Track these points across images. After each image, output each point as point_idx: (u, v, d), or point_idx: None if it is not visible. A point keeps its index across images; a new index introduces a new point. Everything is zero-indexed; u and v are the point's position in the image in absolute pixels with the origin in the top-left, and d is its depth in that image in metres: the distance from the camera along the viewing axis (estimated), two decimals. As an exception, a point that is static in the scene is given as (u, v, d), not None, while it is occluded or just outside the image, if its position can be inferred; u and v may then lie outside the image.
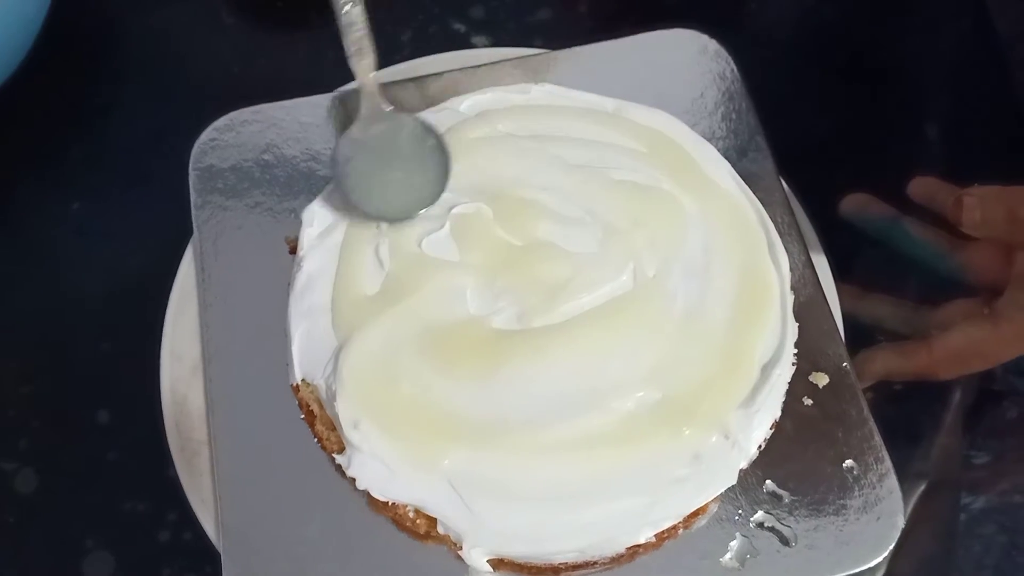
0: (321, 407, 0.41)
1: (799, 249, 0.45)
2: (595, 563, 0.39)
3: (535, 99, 0.48)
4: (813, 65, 0.59)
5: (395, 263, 0.43)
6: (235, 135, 0.48)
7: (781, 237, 0.44)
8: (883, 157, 0.55)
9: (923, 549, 0.46)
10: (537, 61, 0.50)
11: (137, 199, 0.54)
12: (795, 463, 0.40)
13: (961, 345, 0.43)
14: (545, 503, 0.39)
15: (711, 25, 0.51)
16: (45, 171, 0.54)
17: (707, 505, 0.39)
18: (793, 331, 0.42)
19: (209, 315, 0.44)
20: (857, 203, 0.48)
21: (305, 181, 0.47)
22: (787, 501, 0.40)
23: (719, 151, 0.47)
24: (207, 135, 0.48)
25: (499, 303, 0.42)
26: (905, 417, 0.47)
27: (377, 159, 0.45)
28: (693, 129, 0.47)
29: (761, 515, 0.40)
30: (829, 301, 0.44)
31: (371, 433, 0.39)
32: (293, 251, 0.45)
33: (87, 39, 0.59)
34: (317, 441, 0.41)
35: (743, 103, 0.49)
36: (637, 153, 0.46)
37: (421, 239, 0.44)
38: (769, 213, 0.45)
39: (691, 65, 0.50)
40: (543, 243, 0.44)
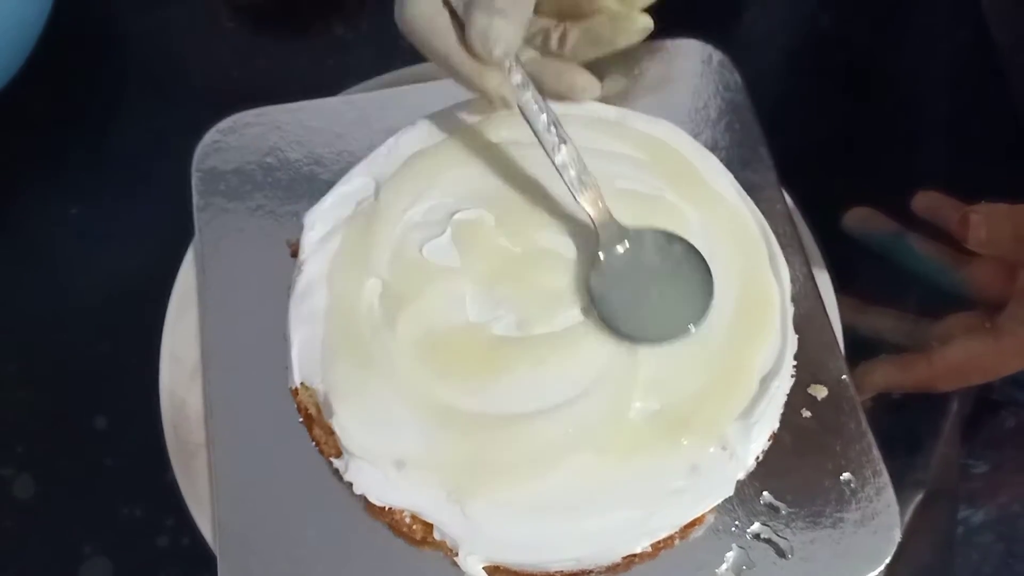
0: (319, 411, 0.41)
1: (800, 261, 0.45)
2: (591, 572, 0.39)
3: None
4: (812, 75, 0.59)
5: (395, 269, 0.43)
6: (238, 137, 0.48)
7: (782, 249, 0.44)
8: (884, 168, 0.55)
9: (921, 558, 0.46)
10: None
11: (136, 202, 0.54)
12: (793, 475, 0.40)
13: (961, 358, 0.43)
14: (542, 512, 0.38)
15: (710, 34, 0.51)
16: (45, 174, 0.54)
17: (704, 516, 0.39)
18: (793, 343, 0.42)
19: (209, 317, 0.44)
20: (860, 217, 0.48)
21: (307, 185, 0.47)
22: (784, 513, 0.40)
23: (722, 161, 0.47)
24: (210, 137, 0.48)
25: (499, 311, 0.42)
26: (903, 427, 0.47)
27: (632, 283, 0.42)
28: (696, 139, 0.47)
29: (758, 527, 0.40)
30: (829, 314, 0.44)
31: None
32: (294, 254, 0.45)
33: (87, 42, 0.59)
34: (315, 445, 0.41)
35: (746, 113, 0.49)
36: (639, 162, 0.46)
37: (422, 245, 0.44)
38: (771, 224, 0.45)
39: (695, 75, 0.50)
40: (544, 251, 0.43)
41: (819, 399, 0.42)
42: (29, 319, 0.50)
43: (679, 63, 0.50)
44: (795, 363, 0.42)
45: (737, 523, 0.40)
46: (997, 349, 0.43)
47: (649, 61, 0.50)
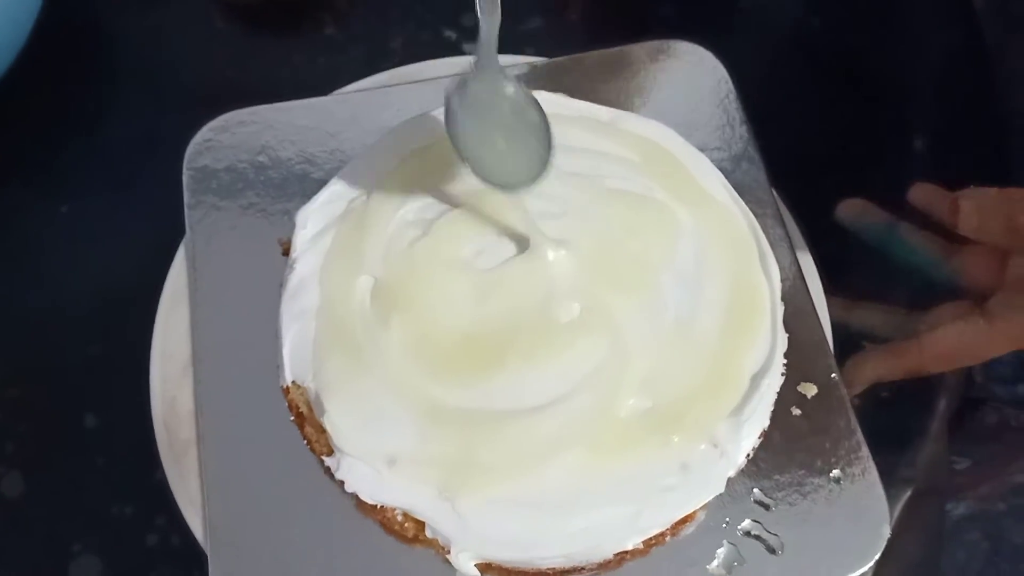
0: (310, 409, 0.41)
1: (790, 260, 0.45)
2: (582, 569, 0.39)
3: (530, 106, 0.48)
4: (803, 77, 0.59)
5: (387, 267, 0.43)
6: (230, 136, 0.48)
7: (772, 248, 0.45)
8: (872, 168, 0.55)
9: (909, 555, 0.47)
10: (530, 69, 0.50)
11: (127, 201, 0.53)
12: (783, 472, 0.41)
13: (952, 341, 0.43)
14: (533, 509, 0.39)
15: (701, 35, 0.51)
16: (35, 172, 0.54)
17: (695, 513, 0.40)
18: (783, 341, 0.43)
19: (200, 315, 0.44)
20: (853, 209, 0.48)
21: (299, 183, 0.47)
22: (774, 510, 0.40)
23: (712, 162, 0.47)
24: (202, 135, 0.48)
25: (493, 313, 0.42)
26: (892, 425, 0.48)
27: (484, 120, 0.42)
28: (687, 140, 0.47)
29: (748, 523, 0.40)
30: (819, 312, 0.44)
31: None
32: (286, 253, 0.45)
33: (78, 41, 0.58)
34: (306, 443, 0.41)
35: (737, 115, 0.49)
36: (631, 163, 0.46)
37: (414, 243, 0.44)
38: (761, 224, 0.45)
39: (686, 76, 0.50)
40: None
41: (809, 397, 0.42)
42: (19, 317, 0.50)
43: (670, 64, 0.50)
44: (785, 361, 0.42)
45: (728, 520, 0.40)
46: (987, 332, 0.43)
47: (641, 62, 0.51)
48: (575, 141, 0.47)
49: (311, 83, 0.51)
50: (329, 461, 0.40)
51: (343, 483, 0.39)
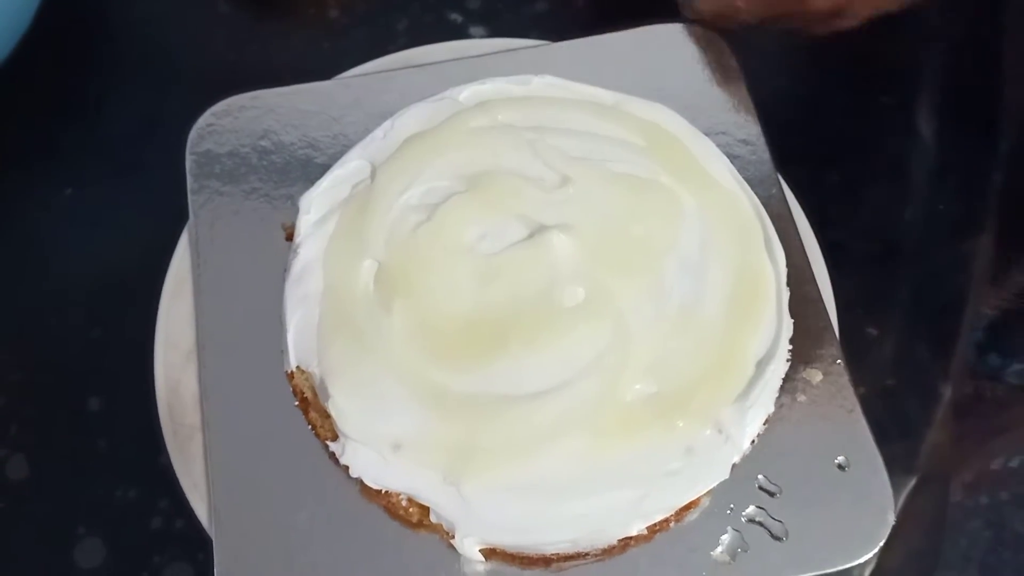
0: (315, 394, 0.41)
1: (795, 245, 0.45)
2: (587, 554, 0.39)
3: (535, 90, 0.47)
4: (810, 61, 0.59)
5: (391, 252, 0.43)
6: (233, 120, 0.48)
7: (778, 233, 0.44)
8: (879, 153, 0.55)
9: (911, 543, 0.47)
10: (535, 52, 0.50)
11: (130, 186, 0.53)
12: (787, 458, 0.41)
13: None
14: (538, 493, 0.39)
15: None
16: (37, 158, 0.54)
17: (699, 499, 0.40)
18: (788, 327, 0.42)
19: (204, 300, 0.44)
20: None
21: (302, 168, 0.47)
22: (779, 496, 0.40)
23: (718, 146, 0.47)
24: (204, 120, 0.48)
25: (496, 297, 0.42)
26: (896, 413, 0.48)
27: None
28: (693, 124, 0.47)
29: (752, 510, 0.40)
30: (824, 298, 0.44)
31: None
32: (290, 238, 0.45)
33: (81, 25, 0.58)
34: (311, 428, 0.41)
35: (744, 99, 0.49)
36: (636, 147, 0.46)
37: (417, 228, 0.44)
38: (766, 209, 0.45)
39: (693, 60, 0.50)
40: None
41: (814, 383, 0.42)
42: (22, 301, 0.50)
43: (677, 48, 0.50)
44: (790, 347, 0.42)
45: (732, 506, 0.40)
46: None
47: (646, 46, 0.50)
48: (579, 125, 0.46)
49: (314, 67, 0.51)
50: (334, 446, 0.40)
51: (348, 468, 0.39)
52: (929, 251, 0.52)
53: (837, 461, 0.41)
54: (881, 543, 0.39)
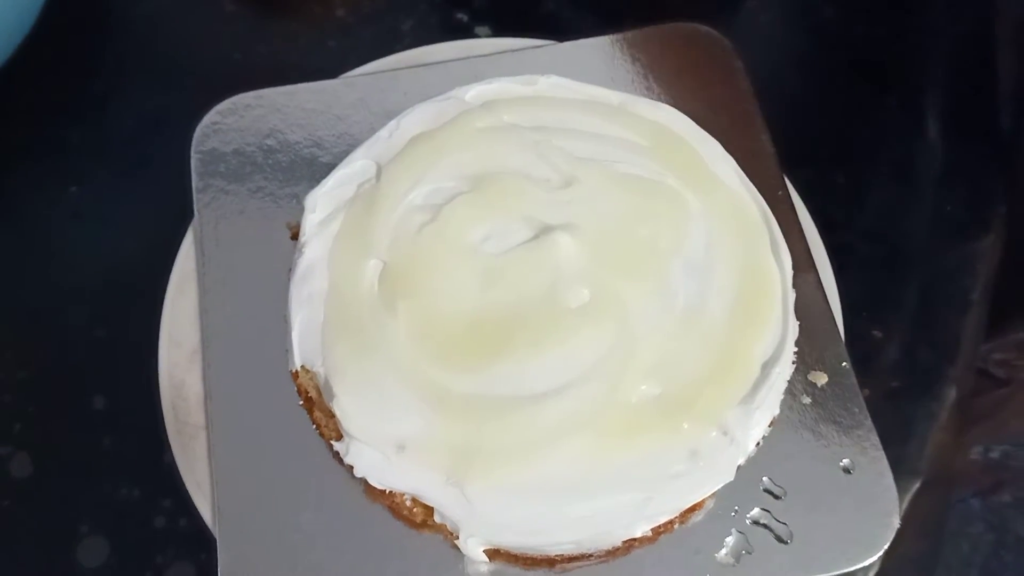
0: (319, 394, 0.41)
1: (801, 247, 0.45)
2: (591, 556, 0.39)
3: (541, 91, 0.47)
4: (815, 63, 0.59)
5: (396, 252, 0.43)
6: (238, 119, 0.48)
7: (783, 235, 0.44)
8: (885, 157, 0.55)
9: (913, 545, 0.47)
10: (541, 52, 0.50)
11: (135, 184, 0.53)
12: (792, 461, 0.41)
13: None
14: (542, 495, 0.39)
15: (714, 20, 0.51)
16: (42, 156, 0.54)
17: (704, 501, 0.40)
18: (794, 329, 0.42)
19: (208, 299, 0.44)
20: None
21: (307, 167, 0.47)
22: (783, 498, 0.40)
23: (723, 147, 0.47)
24: (210, 118, 0.48)
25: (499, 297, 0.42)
26: (901, 415, 0.48)
27: None
28: (698, 125, 0.47)
29: (757, 512, 0.40)
30: (830, 300, 0.44)
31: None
32: (295, 237, 0.45)
33: (87, 22, 0.58)
34: (315, 428, 0.41)
35: (749, 100, 0.49)
36: (641, 148, 0.46)
37: (422, 228, 0.43)
38: (772, 210, 0.45)
39: (698, 60, 0.50)
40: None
41: (819, 385, 0.42)
42: (26, 300, 0.50)
43: (682, 48, 0.50)
44: (796, 349, 0.42)
45: (736, 508, 0.40)
46: None
47: (653, 46, 0.50)
48: (585, 126, 0.46)
49: (320, 66, 0.51)
50: (338, 446, 0.40)
51: (352, 468, 0.39)
52: (935, 253, 0.52)
53: (842, 464, 0.40)
54: (885, 547, 0.39)
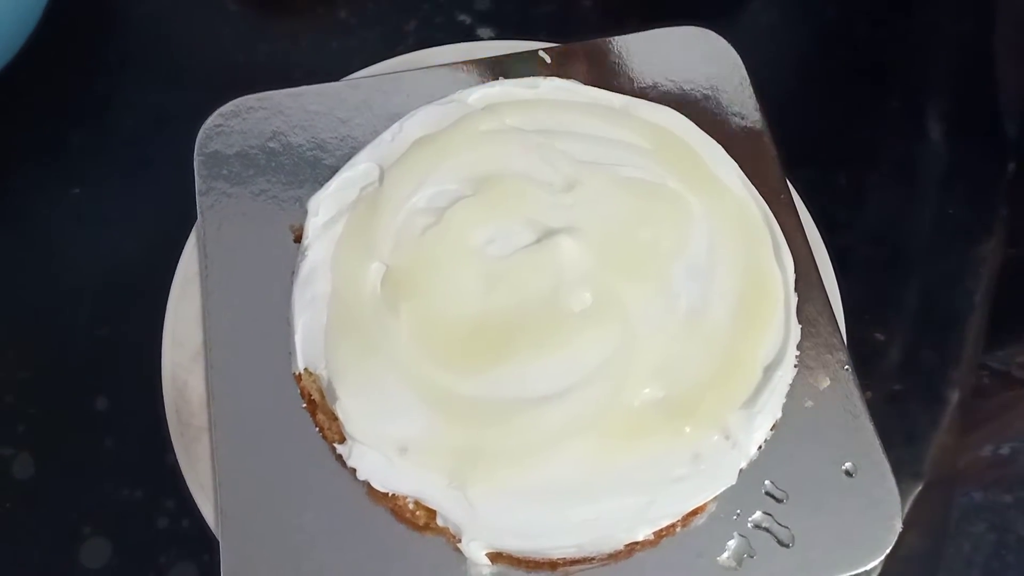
0: (322, 396, 0.41)
1: (803, 250, 0.45)
2: (592, 559, 0.39)
3: (544, 94, 0.47)
4: (816, 64, 0.59)
5: (399, 255, 0.43)
6: (241, 121, 0.48)
7: (785, 238, 0.44)
8: (887, 159, 0.55)
9: (914, 546, 0.47)
10: (542, 55, 0.50)
11: (138, 185, 0.53)
12: (794, 464, 0.41)
13: None
14: (544, 498, 0.39)
15: (715, 22, 0.51)
16: (45, 157, 0.54)
17: (706, 504, 0.40)
18: (796, 332, 0.42)
19: (211, 302, 0.44)
20: None
21: (311, 170, 0.47)
22: (785, 502, 0.40)
23: (725, 150, 0.47)
24: (213, 121, 0.48)
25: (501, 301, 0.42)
26: (902, 418, 0.48)
27: None
28: (700, 127, 0.47)
29: (759, 515, 0.40)
30: (832, 303, 0.44)
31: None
32: (298, 240, 0.45)
33: (89, 23, 0.58)
34: (318, 430, 0.41)
35: (751, 102, 0.49)
36: (644, 150, 0.46)
37: (425, 231, 0.44)
38: (774, 214, 0.45)
39: (700, 63, 0.50)
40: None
41: (821, 389, 0.42)
42: (28, 301, 0.50)
43: (684, 51, 0.50)
44: (798, 353, 0.42)
45: (739, 512, 0.40)
46: None
47: (654, 48, 0.50)
48: (587, 128, 0.46)
49: (323, 68, 0.51)
50: (341, 448, 0.40)
51: (355, 470, 0.39)
52: (937, 255, 0.52)
53: (844, 467, 0.40)
54: (888, 550, 0.39)
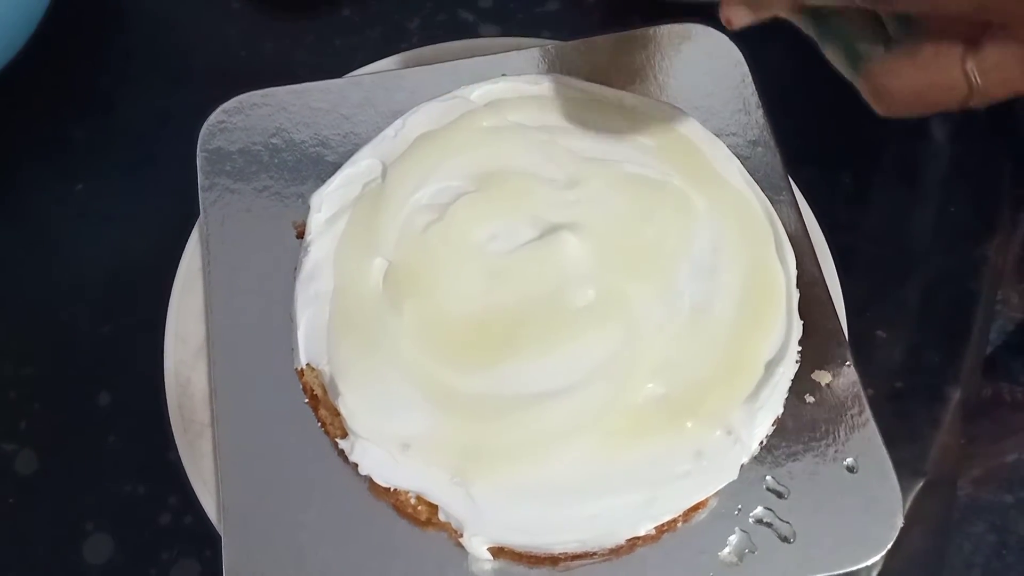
0: (325, 392, 0.41)
1: (805, 247, 0.45)
2: (594, 554, 0.39)
3: (546, 90, 0.47)
4: (819, 61, 0.59)
5: (402, 251, 0.43)
6: (244, 118, 0.48)
7: (788, 235, 0.44)
8: (890, 157, 0.55)
9: (917, 546, 0.47)
10: (546, 52, 0.50)
11: (141, 182, 0.53)
12: (796, 460, 0.41)
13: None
14: (546, 494, 0.39)
15: (717, 19, 0.51)
16: (49, 153, 0.54)
17: (707, 500, 0.40)
18: (798, 329, 0.42)
19: (214, 297, 0.44)
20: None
21: (313, 166, 0.47)
22: (787, 498, 0.40)
23: (728, 147, 0.47)
24: (216, 117, 0.48)
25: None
26: (904, 416, 0.48)
27: None
28: (703, 125, 0.47)
29: (761, 511, 0.40)
30: (834, 300, 0.44)
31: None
32: (300, 236, 0.45)
33: (93, 20, 0.58)
34: (320, 426, 0.41)
35: (753, 100, 0.49)
36: (647, 147, 0.46)
37: (428, 227, 0.44)
38: (777, 211, 0.45)
39: (703, 60, 0.50)
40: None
41: (823, 385, 0.42)
42: (33, 295, 0.50)
43: (686, 48, 0.50)
44: (799, 349, 0.42)
45: (740, 507, 0.40)
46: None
47: (657, 46, 0.50)
48: (590, 125, 0.46)
49: (326, 65, 0.51)
50: (343, 443, 0.40)
51: (357, 466, 0.40)
52: (940, 254, 0.52)
53: (846, 463, 0.40)
54: (889, 546, 0.39)
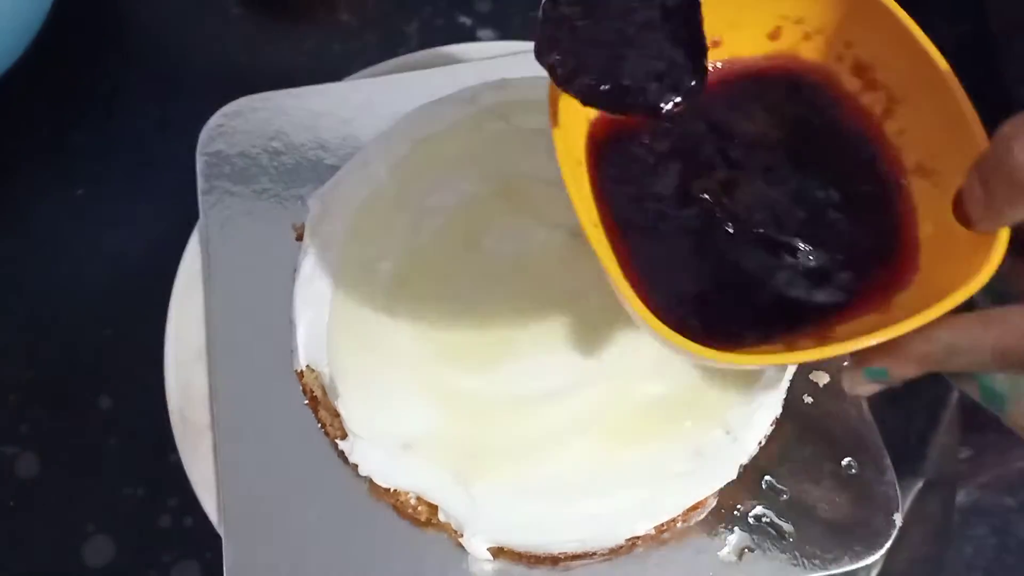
0: (324, 393, 0.42)
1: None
2: (594, 554, 0.39)
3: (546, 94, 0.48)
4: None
5: (401, 253, 0.43)
6: (243, 121, 0.48)
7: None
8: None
9: (916, 548, 0.47)
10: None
11: (141, 186, 0.54)
12: (794, 460, 0.41)
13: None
14: (546, 494, 0.39)
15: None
16: (49, 156, 0.54)
17: (706, 499, 0.40)
18: (796, 329, 0.42)
19: (214, 300, 0.44)
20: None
21: (312, 169, 0.47)
22: (785, 497, 0.40)
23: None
24: (215, 120, 0.48)
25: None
26: (904, 416, 0.48)
27: None
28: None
29: (759, 510, 0.40)
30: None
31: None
32: (300, 238, 0.45)
33: (94, 25, 0.58)
34: (320, 427, 0.41)
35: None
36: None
37: (428, 228, 0.44)
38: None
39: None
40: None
41: (821, 385, 0.42)
42: (34, 299, 0.50)
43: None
44: (798, 349, 0.42)
45: (739, 506, 0.40)
46: None
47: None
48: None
49: (325, 69, 0.51)
50: (343, 444, 0.40)
51: (357, 466, 0.40)
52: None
53: (844, 462, 0.41)
54: (887, 545, 0.39)
